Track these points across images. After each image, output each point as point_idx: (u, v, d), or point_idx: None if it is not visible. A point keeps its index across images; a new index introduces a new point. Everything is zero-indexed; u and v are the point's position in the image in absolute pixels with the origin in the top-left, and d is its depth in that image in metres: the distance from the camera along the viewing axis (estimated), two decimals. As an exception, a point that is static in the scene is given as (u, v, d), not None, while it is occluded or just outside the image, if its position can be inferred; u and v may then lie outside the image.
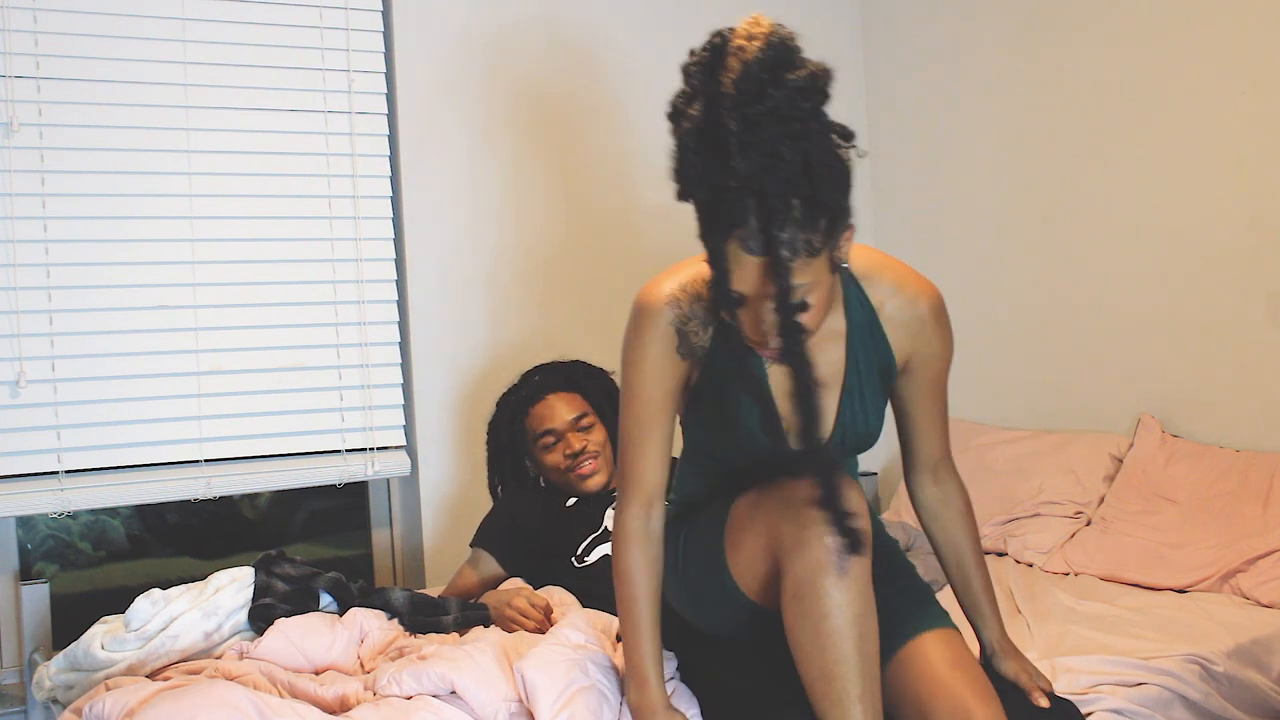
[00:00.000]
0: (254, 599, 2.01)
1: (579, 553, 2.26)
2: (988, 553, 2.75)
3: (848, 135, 1.45)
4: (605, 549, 2.24)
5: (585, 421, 2.40)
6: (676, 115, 1.45)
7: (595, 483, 2.35)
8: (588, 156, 3.14)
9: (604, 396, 2.47)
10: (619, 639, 1.89)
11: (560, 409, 2.41)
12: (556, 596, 2.13)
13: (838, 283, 1.58)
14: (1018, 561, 2.66)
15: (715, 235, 1.43)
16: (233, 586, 2.00)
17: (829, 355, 1.65)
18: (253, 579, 2.04)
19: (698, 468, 1.82)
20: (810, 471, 1.57)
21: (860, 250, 1.65)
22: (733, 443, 1.70)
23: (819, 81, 1.40)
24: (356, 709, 1.64)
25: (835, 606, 1.49)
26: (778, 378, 1.66)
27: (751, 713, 1.69)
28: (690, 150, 1.42)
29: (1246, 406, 2.58)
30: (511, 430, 2.46)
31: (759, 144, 1.36)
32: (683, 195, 1.45)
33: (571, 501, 2.37)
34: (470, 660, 1.71)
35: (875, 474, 3.39)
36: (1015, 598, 2.35)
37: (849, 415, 1.68)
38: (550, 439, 2.39)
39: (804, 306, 1.44)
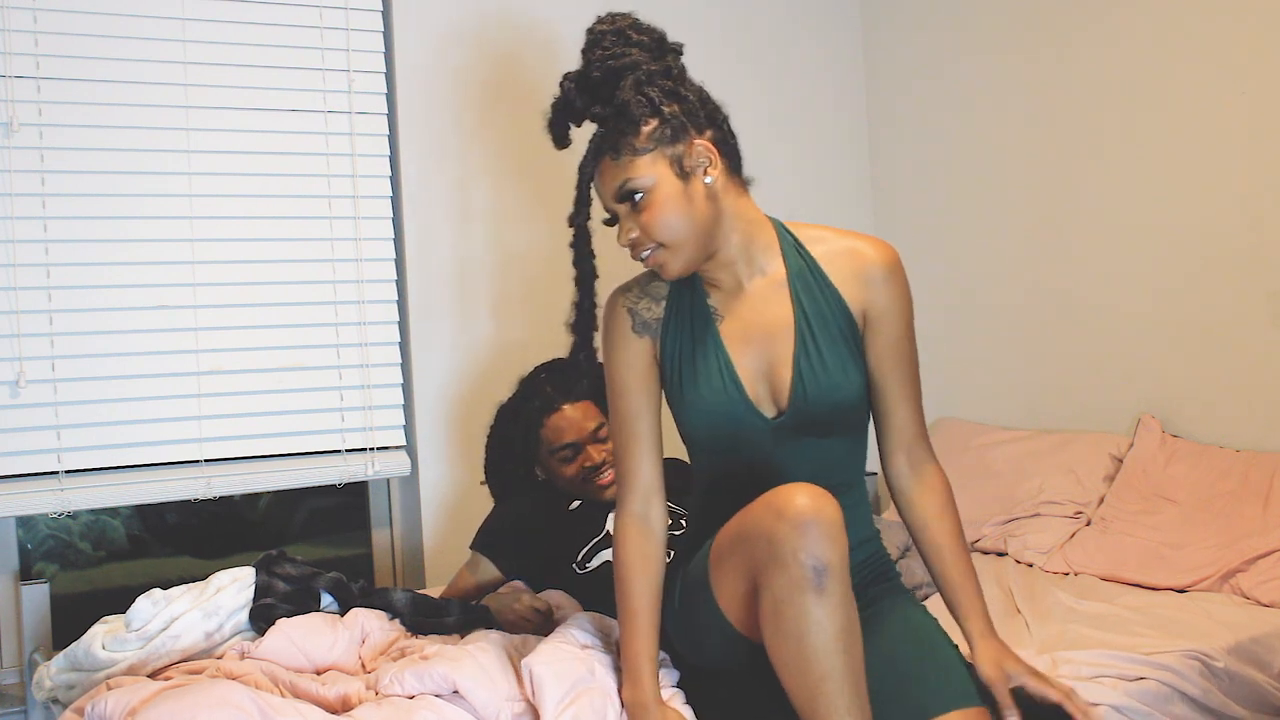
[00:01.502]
0: (255, 599, 2.00)
1: (580, 559, 2.24)
2: (988, 552, 2.76)
3: (658, 47, 1.73)
4: (606, 555, 2.22)
5: (603, 432, 2.33)
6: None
7: (613, 492, 2.29)
8: (588, 156, 3.14)
9: None
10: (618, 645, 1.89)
11: (578, 421, 2.32)
12: (557, 600, 2.13)
13: (738, 219, 1.72)
14: (1018, 561, 2.66)
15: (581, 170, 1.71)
16: (234, 586, 2.00)
17: (775, 305, 1.73)
18: (254, 579, 2.03)
19: (703, 486, 1.83)
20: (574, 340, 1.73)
21: (814, 224, 1.81)
22: (703, 415, 1.73)
23: (620, 23, 1.74)
24: (359, 708, 1.64)
25: (815, 624, 1.46)
26: (733, 337, 1.73)
27: (748, 712, 1.69)
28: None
29: (1246, 406, 2.59)
30: (526, 442, 2.38)
31: (583, 80, 1.73)
32: (560, 143, 1.79)
33: (575, 504, 2.34)
34: (472, 660, 1.71)
35: (875, 474, 3.39)
36: (1015, 598, 2.35)
37: (804, 362, 1.70)
38: (568, 452, 2.32)
39: (630, 193, 1.67)
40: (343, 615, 2.04)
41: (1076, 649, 1.96)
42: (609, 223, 1.74)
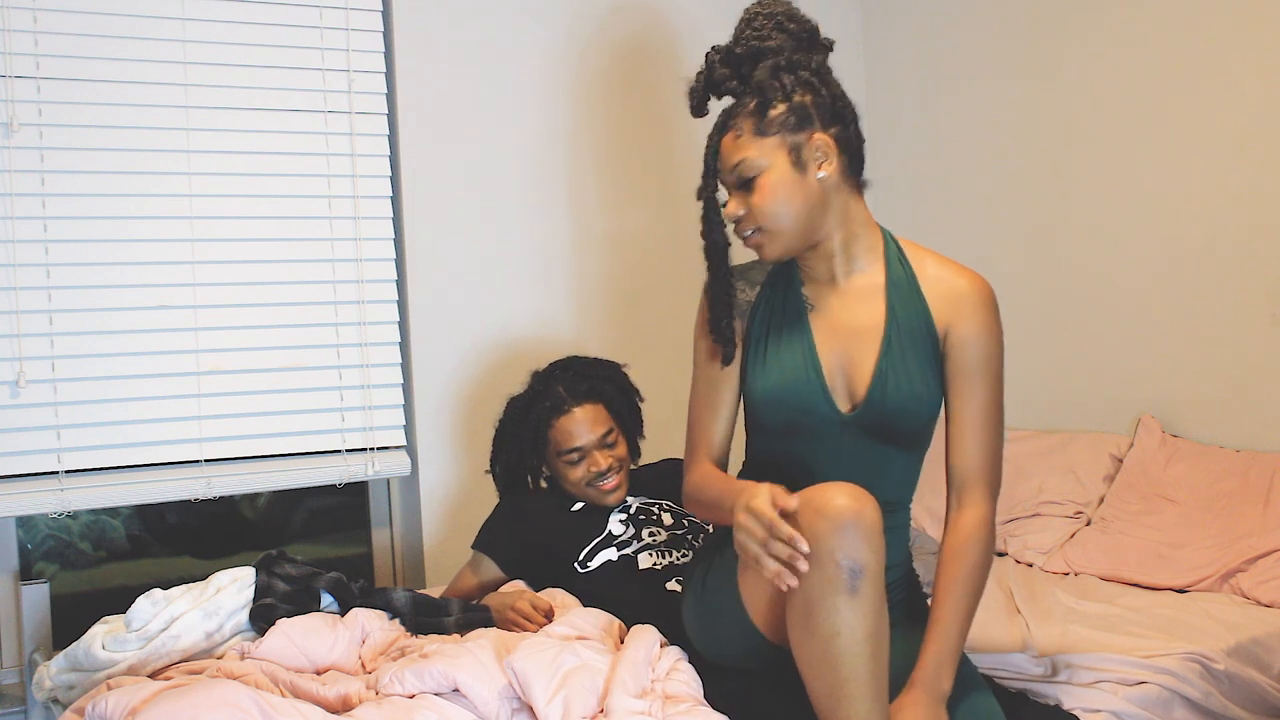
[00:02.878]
0: (255, 599, 2.01)
1: (581, 558, 2.25)
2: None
3: (808, 40, 1.79)
4: (608, 554, 2.23)
5: (610, 438, 2.33)
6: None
7: (616, 497, 2.32)
8: (590, 155, 3.14)
9: (624, 402, 2.43)
10: (622, 639, 1.90)
11: (587, 425, 2.31)
12: (559, 599, 2.13)
13: (849, 221, 1.78)
14: (1018, 561, 2.66)
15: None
16: (234, 586, 2.00)
17: (868, 306, 1.76)
18: (254, 579, 2.04)
19: (752, 475, 1.83)
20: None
21: (923, 246, 1.86)
22: (777, 395, 1.76)
23: (775, 9, 1.78)
24: (359, 708, 1.64)
25: (845, 625, 1.46)
26: (821, 328, 1.77)
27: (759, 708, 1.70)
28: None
29: (1246, 406, 2.59)
30: (534, 441, 2.37)
31: (728, 53, 1.78)
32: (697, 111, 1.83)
33: (578, 506, 2.34)
34: (471, 656, 1.71)
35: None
36: (1015, 598, 2.35)
37: (886, 365, 1.72)
38: (575, 456, 2.31)
39: (747, 180, 1.72)
40: (343, 615, 2.04)
41: (1076, 652, 1.95)
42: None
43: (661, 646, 1.82)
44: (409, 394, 2.91)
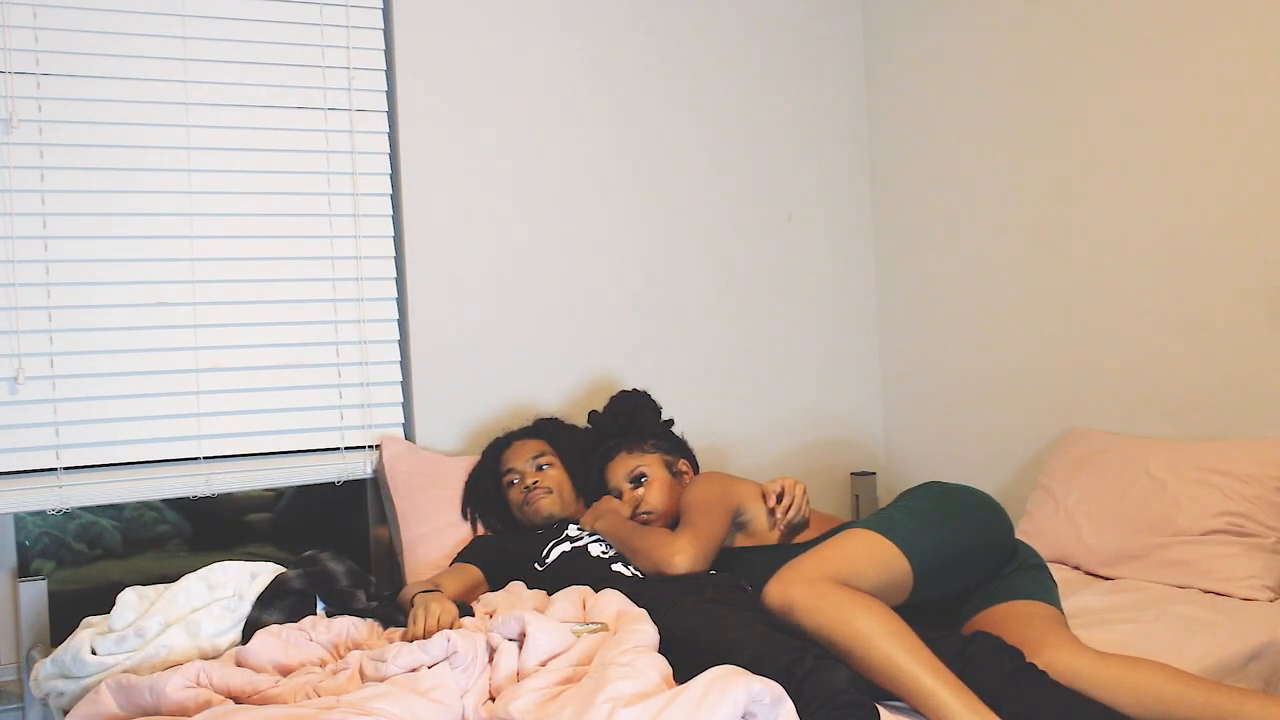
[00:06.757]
0: (256, 604, 2.03)
1: (541, 556, 2.41)
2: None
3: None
4: (563, 547, 2.40)
5: (543, 460, 2.63)
6: None
7: (544, 505, 2.57)
8: (589, 155, 3.13)
9: (568, 442, 2.71)
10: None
11: (523, 451, 2.66)
12: (528, 600, 2.16)
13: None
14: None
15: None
16: (232, 591, 2.02)
17: None
18: (246, 588, 2.06)
19: None
20: None
21: None
22: None
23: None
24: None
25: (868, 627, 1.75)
26: None
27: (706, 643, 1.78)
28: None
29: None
30: (494, 476, 2.69)
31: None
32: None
33: (540, 533, 2.54)
34: (410, 697, 1.66)
35: (874, 474, 3.39)
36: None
37: None
38: (513, 476, 2.63)
39: (639, 479, 2.51)
40: (329, 618, 2.07)
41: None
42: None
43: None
44: (408, 392, 2.91)
